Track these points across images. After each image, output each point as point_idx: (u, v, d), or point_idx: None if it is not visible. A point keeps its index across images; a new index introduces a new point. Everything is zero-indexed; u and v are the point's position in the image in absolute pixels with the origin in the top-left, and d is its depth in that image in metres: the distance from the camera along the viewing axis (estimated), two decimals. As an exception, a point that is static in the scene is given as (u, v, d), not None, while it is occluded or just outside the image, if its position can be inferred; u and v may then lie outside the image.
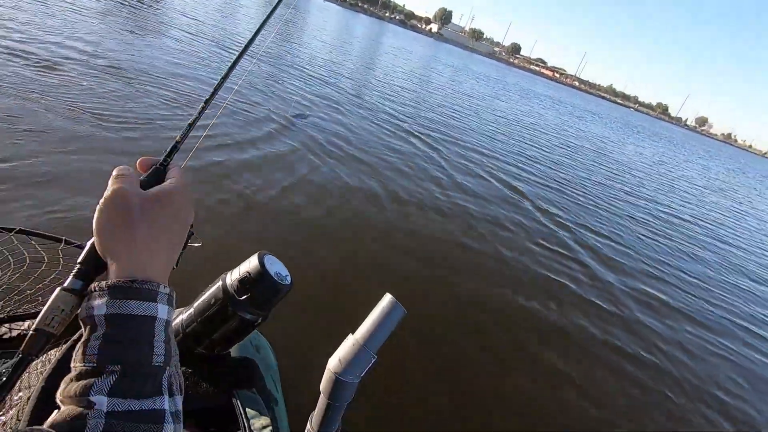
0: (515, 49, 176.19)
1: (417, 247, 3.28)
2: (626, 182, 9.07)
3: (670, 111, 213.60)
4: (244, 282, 0.71)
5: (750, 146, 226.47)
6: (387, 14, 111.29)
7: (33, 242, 0.99)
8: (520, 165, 7.03)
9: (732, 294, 4.67)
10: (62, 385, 0.38)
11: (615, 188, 7.94)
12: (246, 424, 0.72)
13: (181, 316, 0.78)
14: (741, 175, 25.24)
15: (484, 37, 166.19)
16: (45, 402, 0.50)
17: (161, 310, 0.42)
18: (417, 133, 6.71)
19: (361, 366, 0.67)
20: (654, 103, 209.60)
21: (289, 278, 0.74)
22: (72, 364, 0.38)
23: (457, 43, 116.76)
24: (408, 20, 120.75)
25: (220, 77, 0.61)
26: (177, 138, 0.55)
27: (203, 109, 0.58)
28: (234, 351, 0.81)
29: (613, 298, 3.53)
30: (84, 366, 0.37)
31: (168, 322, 0.43)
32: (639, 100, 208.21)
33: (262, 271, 0.71)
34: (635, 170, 11.37)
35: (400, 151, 5.56)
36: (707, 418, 2.52)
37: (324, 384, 0.70)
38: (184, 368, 0.74)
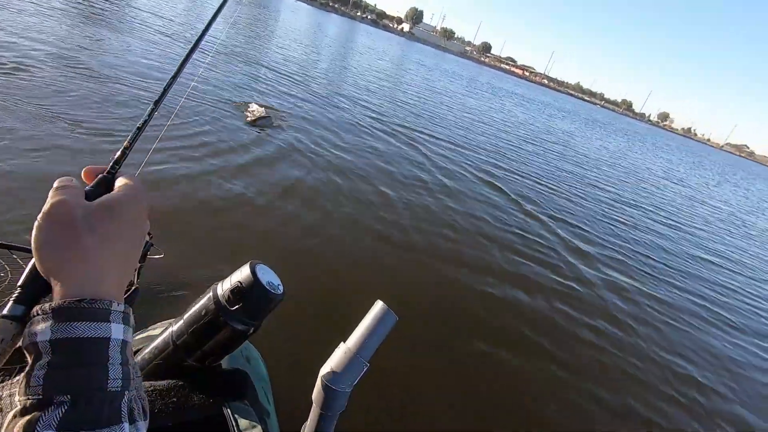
0: (486, 48, 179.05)
1: (407, 252, 3.29)
2: (592, 174, 9.43)
3: (634, 107, 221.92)
4: (236, 292, 0.70)
5: (708, 140, 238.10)
6: (359, 14, 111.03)
7: None
8: (497, 159, 7.17)
9: (685, 268, 5.02)
10: (5, 423, 0.34)
11: (582, 178, 8.23)
12: (238, 437, 0.70)
13: (170, 328, 0.77)
14: (699, 168, 26.54)
15: (456, 36, 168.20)
16: None
17: (115, 330, 0.38)
18: (394, 132, 6.76)
19: (353, 374, 0.67)
20: (619, 100, 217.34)
21: (281, 288, 0.74)
22: (16, 398, 0.34)
23: (429, 43, 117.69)
24: (380, 20, 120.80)
25: (170, 76, 0.56)
26: (125, 144, 0.50)
27: (153, 111, 0.53)
28: (225, 362, 0.80)
29: (585, 281, 3.66)
30: (28, 399, 0.34)
31: (125, 342, 0.39)
32: (605, 97, 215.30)
33: (254, 281, 0.70)
34: (600, 163, 11.80)
35: (381, 151, 5.59)
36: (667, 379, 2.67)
37: (316, 394, 0.70)
38: (175, 380, 0.73)
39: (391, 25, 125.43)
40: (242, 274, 0.71)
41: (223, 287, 0.72)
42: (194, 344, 0.73)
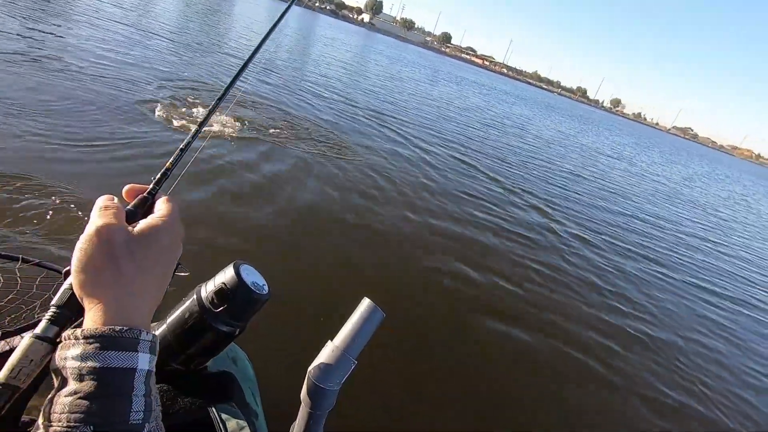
0: (446, 38, 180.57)
1: (393, 246, 3.29)
2: (550, 154, 9.83)
3: (588, 94, 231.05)
4: (220, 294, 0.69)
5: (657, 123, 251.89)
6: (317, 4, 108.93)
7: None
8: (468, 146, 7.30)
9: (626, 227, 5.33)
10: None
11: (542, 160, 8.55)
12: (226, 440, 0.70)
13: (154, 332, 0.74)
14: (648, 150, 28.10)
15: (416, 26, 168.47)
16: None
17: (142, 360, 0.39)
18: (367, 119, 6.73)
19: (341, 372, 0.68)
20: (575, 87, 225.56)
21: (266, 288, 0.73)
22: (40, 421, 0.35)
23: (389, 33, 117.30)
24: (339, 10, 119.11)
25: (214, 99, 0.60)
26: (167, 164, 0.51)
27: (197, 132, 0.55)
28: (210, 365, 0.79)
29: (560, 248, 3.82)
30: (51, 425, 0.34)
31: (150, 373, 0.40)
32: (561, 84, 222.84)
33: (239, 282, 0.69)
34: (557, 145, 12.28)
35: (360, 142, 5.56)
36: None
37: (304, 393, 0.70)
38: (160, 385, 0.71)
39: (351, 16, 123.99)
40: (226, 275, 0.70)
41: (207, 289, 0.71)
42: (178, 348, 0.72)
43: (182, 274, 0.58)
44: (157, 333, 0.74)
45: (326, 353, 0.68)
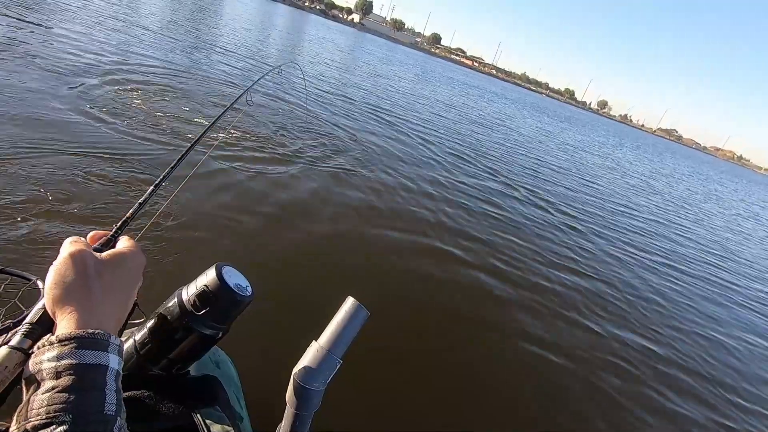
0: (436, 39, 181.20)
1: (374, 245, 3.29)
2: (539, 154, 9.93)
3: (576, 96, 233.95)
4: (202, 296, 0.68)
5: (642, 125, 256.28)
6: (307, 4, 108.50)
7: None
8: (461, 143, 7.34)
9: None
10: None
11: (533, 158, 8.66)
12: (210, 445, 0.69)
13: (133, 337, 0.73)
14: (635, 150, 28.60)
15: (406, 27, 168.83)
16: None
17: (113, 360, 0.43)
18: (360, 113, 6.71)
19: (327, 372, 0.67)
20: (563, 89, 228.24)
21: (249, 289, 0.72)
22: (14, 426, 0.37)
23: (379, 34, 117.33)
24: (329, 10, 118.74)
25: (169, 166, 0.69)
26: (128, 215, 0.62)
27: (153, 191, 0.65)
28: (193, 369, 0.78)
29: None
30: (29, 422, 0.37)
31: (119, 373, 0.44)
32: (550, 86, 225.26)
33: (221, 284, 0.68)
34: (546, 144, 12.42)
35: (344, 139, 5.54)
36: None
37: (289, 394, 0.69)
38: (141, 391, 0.70)
39: (340, 16, 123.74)
40: (208, 277, 0.69)
41: (189, 292, 0.70)
42: (159, 352, 0.71)
43: (137, 321, 0.63)
44: (137, 337, 0.72)
45: (311, 353, 0.67)
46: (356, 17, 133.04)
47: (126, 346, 0.74)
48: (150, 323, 0.72)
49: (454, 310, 2.85)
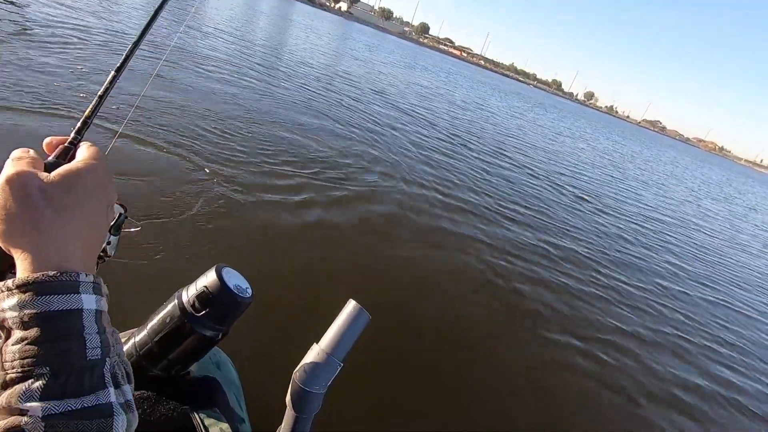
0: (424, 28, 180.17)
1: (376, 247, 3.26)
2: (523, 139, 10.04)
3: (563, 87, 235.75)
4: (202, 298, 0.67)
5: (628, 116, 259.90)
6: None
7: None
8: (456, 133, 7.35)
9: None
10: None
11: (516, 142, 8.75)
12: (210, 446, 0.68)
13: (133, 339, 0.73)
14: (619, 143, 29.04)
15: (394, 16, 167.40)
16: None
17: (87, 301, 0.38)
18: (349, 106, 6.66)
19: (327, 375, 0.67)
20: (550, 80, 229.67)
21: (249, 291, 0.72)
22: None
23: (367, 23, 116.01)
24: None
25: (133, 40, 0.53)
26: (86, 113, 0.49)
27: (114, 78, 0.51)
28: (193, 370, 0.77)
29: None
30: (6, 373, 0.34)
31: (99, 312, 0.39)
32: (537, 77, 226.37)
33: (221, 285, 0.68)
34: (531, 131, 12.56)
35: (339, 134, 5.49)
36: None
37: (290, 396, 0.69)
38: (141, 392, 0.70)
39: (327, 4, 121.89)
40: (208, 278, 0.69)
41: (189, 293, 0.69)
42: (159, 353, 0.71)
43: (132, 229, 0.55)
44: (137, 338, 0.72)
45: (312, 356, 0.67)
46: (344, 6, 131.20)
47: (126, 347, 0.74)
48: (150, 324, 0.72)
49: (454, 310, 2.84)
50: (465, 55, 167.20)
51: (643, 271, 4.88)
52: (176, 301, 0.70)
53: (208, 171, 3.41)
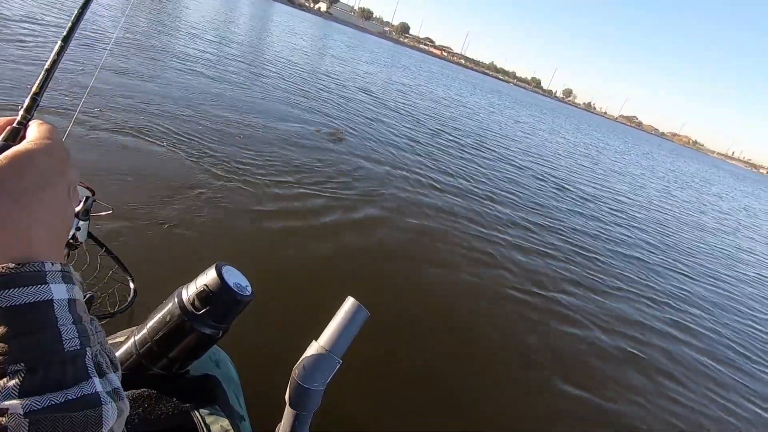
0: (404, 28, 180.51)
1: (375, 243, 3.27)
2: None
3: (542, 84, 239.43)
4: (202, 296, 0.68)
5: (605, 112, 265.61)
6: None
7: None
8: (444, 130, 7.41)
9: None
10: None
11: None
12: (210, 444, 0.69)
13: (133, 337, 0.73)
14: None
15: (374, 16, 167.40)
16: None
17: (57, 290, 0.36)
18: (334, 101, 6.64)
19: (326, 372, 0.68)
20: (529, 78, 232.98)
21: (249, 289, 0.72)
22: None
23: (347, 23, 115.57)
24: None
25: (75, 12, 0.48)
26: (34, 89, 0.44)
27: (62, 49, 0.45)
28: (193, 368, 0.78)
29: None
30: None
31: (72, 301, 0.38)
32: (517, 75, 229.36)
33: (221, 284, 0.69)
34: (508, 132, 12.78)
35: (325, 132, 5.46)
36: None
37: (289, 393, 0.70)
38: (141, 390, 0.70)
39: (307, 5, 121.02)
40: (208, 276, 0.70)
41: (189, 291, 0.70)
42: (159, 352, 0.71)
43: (103, 213, 0.54)
44: (137, 336, 0.72)
45: (311, 353, 0.68)
46: (323, 6, 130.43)
47: (126, 345, 0.74)
48: (150, 323, 0.72)
49: (454, 310, 2.85)
50: (445, 54, 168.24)
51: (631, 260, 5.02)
52: (176, 299, 0.71)
53: (200, 165, 3.38)
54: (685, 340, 3.61)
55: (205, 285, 0.69)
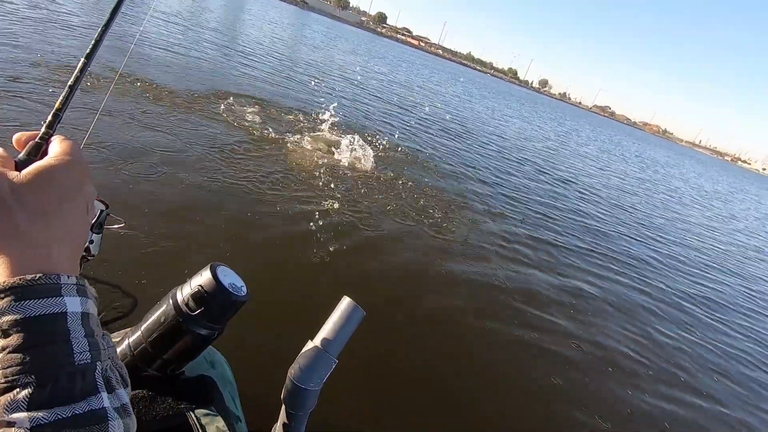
0: (381, 18, 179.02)
1: (370, 242, 3.23)
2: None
3: (519, 75, 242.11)
4: (197, 296, 0.67)
5: (580, 103, 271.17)
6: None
7: None
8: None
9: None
10: None
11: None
12: (206, 445, 0.69)
13: (127, 339, 0.72)
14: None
15: (351, 6, 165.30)
16: None
17: (71, 303, 0.37)
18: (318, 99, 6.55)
19: (322, 372, 0.69)
20: (506, 69, 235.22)
21: (244, 289, 0.72)
22: None
23: (324, 12, 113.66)
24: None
25: (99, 28, 0.50)
26: (57, 105, 0.46)
27: (85, 66, 0.48)
28: (188, 369, 0.77)
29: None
30: None
31: (86, 315, 0.38)
32: (494, 66, 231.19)
33: (216, 284, 0.68)
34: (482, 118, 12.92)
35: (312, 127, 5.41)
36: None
37: (285, 394, 0.70)
38: (135, 392, 0.69)
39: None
40: (203, 277, 0.69)
41: (183, 292, 0.69)
42: (154, 353, 0.70)
43: (115, 226, 0.55)
44: (131, 338, 0.71)
45: (306, 353, 0.68)
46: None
47: (120, 347, 0.73)
48: (144, 324, 0.71)
49: (453, 310, 2.84)
50: (423, 44, 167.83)
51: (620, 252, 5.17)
52: (171, 300, 0.70)
53: (199, 162, 3.30)
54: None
55: (199, 285, 0.68)
